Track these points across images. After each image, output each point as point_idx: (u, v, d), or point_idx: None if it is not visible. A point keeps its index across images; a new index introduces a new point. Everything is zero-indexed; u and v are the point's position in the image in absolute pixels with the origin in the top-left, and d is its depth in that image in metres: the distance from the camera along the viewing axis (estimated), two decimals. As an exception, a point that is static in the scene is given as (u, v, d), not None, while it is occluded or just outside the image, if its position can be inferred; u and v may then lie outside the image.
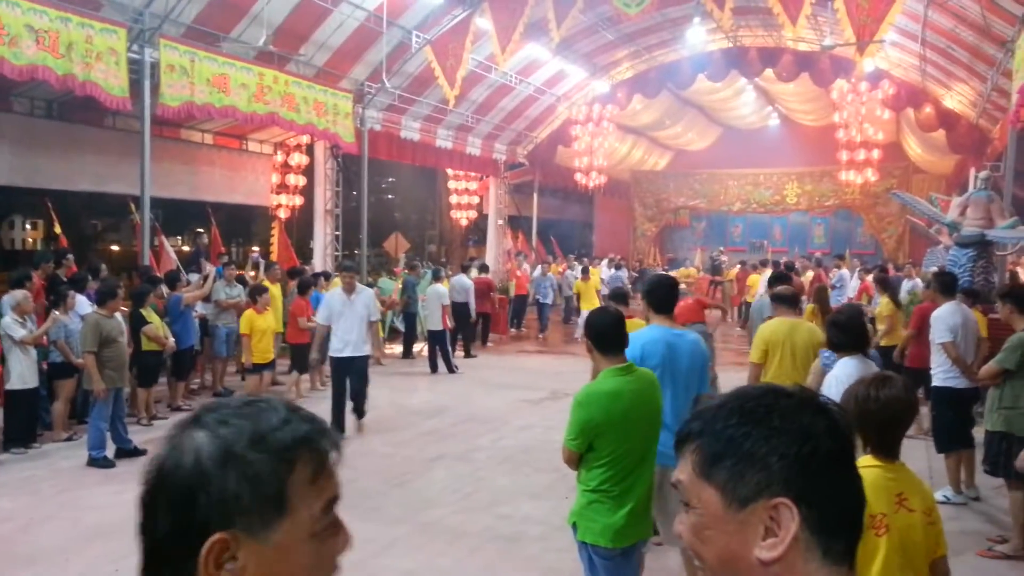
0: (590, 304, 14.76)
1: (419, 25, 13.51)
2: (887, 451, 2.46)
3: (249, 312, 8.95)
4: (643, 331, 4.13)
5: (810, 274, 15.78)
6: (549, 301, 16.44)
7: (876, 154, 18.16)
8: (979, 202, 9.55)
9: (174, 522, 0.82)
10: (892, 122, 19.47)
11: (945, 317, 6.19)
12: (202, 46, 10.35)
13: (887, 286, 9.32)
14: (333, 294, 8.04)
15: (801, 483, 0.86)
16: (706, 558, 0.91)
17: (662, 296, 4.23)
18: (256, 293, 9.18)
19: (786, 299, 5.80)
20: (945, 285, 6.57)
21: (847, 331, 4.32)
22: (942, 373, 6.20)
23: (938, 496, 5.95)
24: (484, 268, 16.10)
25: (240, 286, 10.30)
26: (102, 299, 7.23)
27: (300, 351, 9.83)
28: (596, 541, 3.24)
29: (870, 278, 16.26)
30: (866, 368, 4.30)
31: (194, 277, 10.64)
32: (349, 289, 7.88)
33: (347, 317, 7.76)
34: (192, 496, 0.81)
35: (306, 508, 0.84)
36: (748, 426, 0.89)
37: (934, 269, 12.24)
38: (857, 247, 24.58)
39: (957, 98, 15.86)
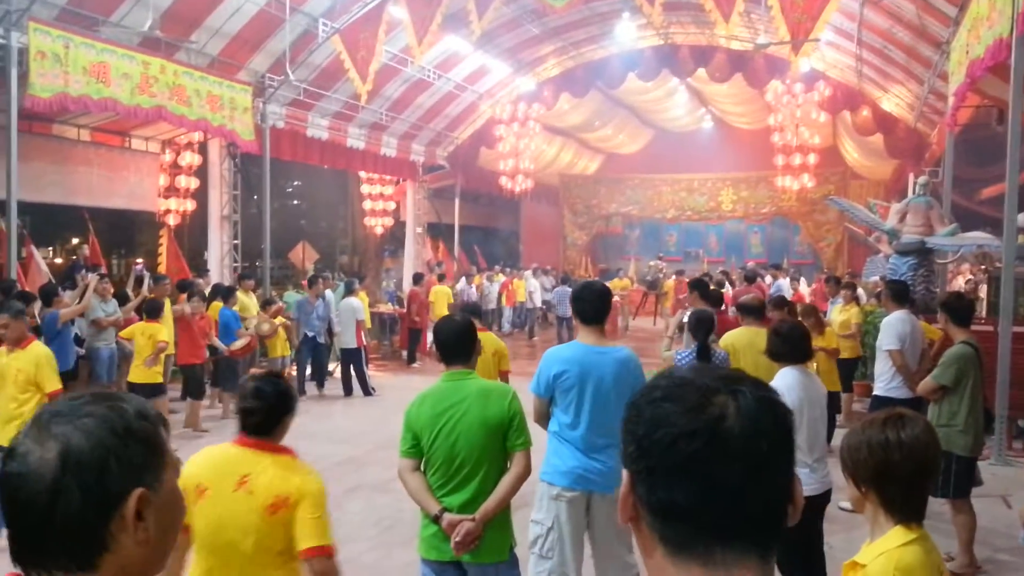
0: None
1: (326, 12, 13.35)
2: (916, 513, 2.17)
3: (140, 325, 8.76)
4: (560, 349, 4.07)
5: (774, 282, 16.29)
6: None
7: (813, 159, 18.87)
8: (918, 208, 10.02)
9: (87, 494, 1.05)
10: (828, 125, 20.31)
11: (895, 324, 6.52)
12: (78, 30, 9.95)
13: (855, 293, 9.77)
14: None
15: (639, 461, 0.97)
16: None
17: (591, 304, 4.01)
18: (151, 309, 8.98)
19: (752, 309, 6.23)
20: (897, 293, 6.93)
21: (788, 341, 4.49)
22: (884, 383, 6.52)
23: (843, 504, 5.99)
24: (418, 278, 16.00)
25: (115, 302, 9.95)
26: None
27: (193, 374, 9.57)
28: (418, 550, 3.53)
29: (803, 287, 17.09)
30: (807, 379, 4.46)
31: (69, 293, 10.19)
32: None
33: None
34: (104, 465, 1.06)
35: (171, 455, 1.17)
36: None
37: (875, 279, 12.82)
38: (795, 256, 25.50)
39: (894, 100, 16.66)
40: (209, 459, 2.76)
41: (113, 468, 1.07)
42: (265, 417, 2.76)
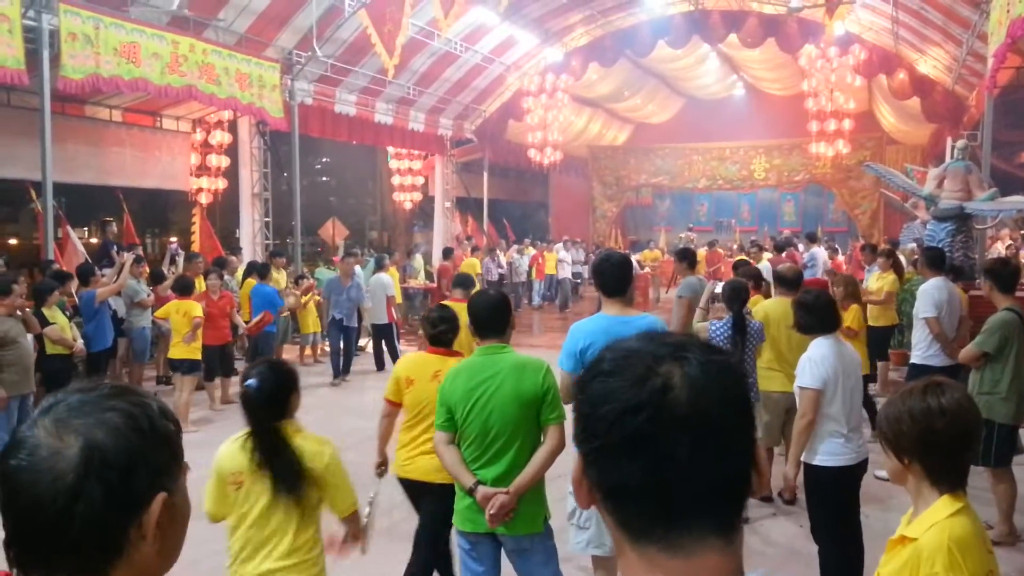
0: None
1: (352, -13, 13.31)
2: (960, 481, 2.15)
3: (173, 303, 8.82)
4: (584, 323, 4.07)
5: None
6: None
7: (848, 124, 18.49)
8: (957, 173, 9.83)
9: (110, 497, 0.97)
10: (864, 90, 19.89)
11: (931, 291, 6.45)
12: (108, 11, 10.02)
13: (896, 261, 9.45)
14: None
15: (586, 442, 0.93)
16: None
17: (611, 276, 4.01)
18: (183, 286, 9.03)
19: (787, 280, 6.14)
20: (933, 260, 6.84)
21: (814, 311, 4.44)
22: (921, 351, 6.49)
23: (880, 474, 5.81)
24: (448, 253, 16.05)
25: (143, 282, 10.10)
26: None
27: (211, 354, 9.47)
28: (454, 522, 3.58)
29: (839, 256, 16.89)
30: (841, 348, 4.41)
31: (107, 272, 10.38)
32: None
33: None
34: (131, 466, 0.98)
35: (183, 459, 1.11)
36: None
37: (912, 245, 12.62)
38: (829, 224, 25.17)
39: (931, 63, 16.28)
40: (414, 362, 4.31)
41: (140, 470, 0.99)
42: (449, 333, 4.20)
